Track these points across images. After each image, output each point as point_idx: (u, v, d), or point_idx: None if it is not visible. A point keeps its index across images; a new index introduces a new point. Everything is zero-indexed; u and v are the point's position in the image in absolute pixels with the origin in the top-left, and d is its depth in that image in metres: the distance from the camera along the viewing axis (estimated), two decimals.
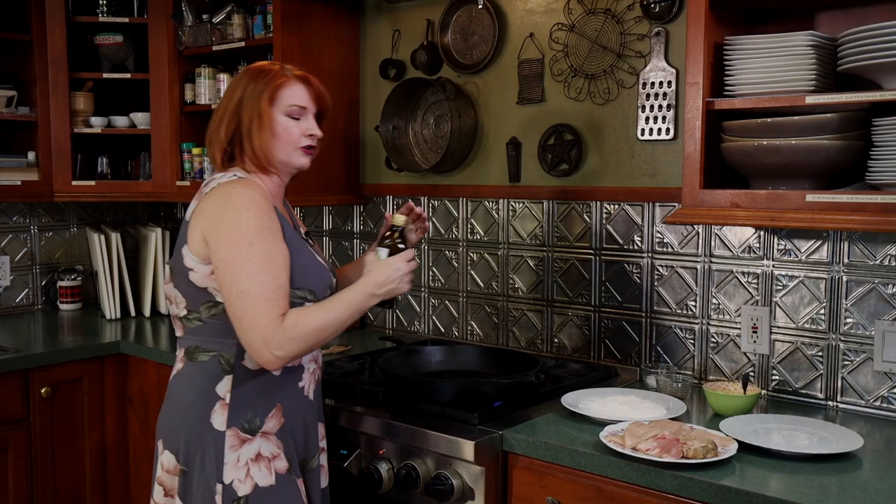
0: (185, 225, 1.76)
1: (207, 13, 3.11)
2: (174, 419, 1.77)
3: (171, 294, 1.80)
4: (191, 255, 1.71)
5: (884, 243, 2.02)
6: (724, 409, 1.99)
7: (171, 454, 1.75)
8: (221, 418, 1.72)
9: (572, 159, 2.53)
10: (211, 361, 1.74)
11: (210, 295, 1.72)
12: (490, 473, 1.86)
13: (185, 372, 1.78)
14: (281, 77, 1.80)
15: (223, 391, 1.73)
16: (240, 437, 1.72)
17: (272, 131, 1.77)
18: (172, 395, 1.80)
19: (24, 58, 3.14)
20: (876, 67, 1.76)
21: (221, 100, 1.83)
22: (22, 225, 3.42)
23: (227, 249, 1.65)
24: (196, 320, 1.75)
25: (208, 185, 1.76)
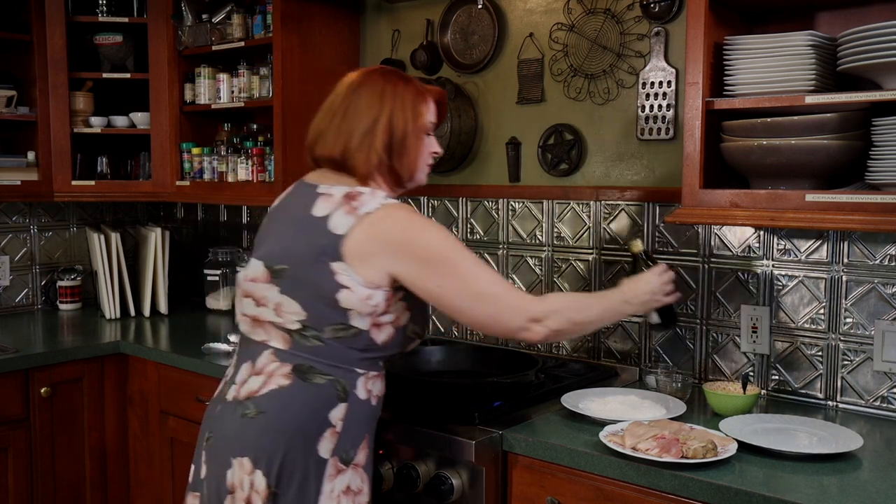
0: (331, 236, 1.62)
1: (207, 13, 3.12)
2: (274, 439, 1.63)
3: (268, 297, 1.68)
4: (353, 274, 1.61)
5: (883, 243, 2.03)
6: (724, 409, 1.99)
7: (262, 475, 1.62)
8: (329, 446, 1.64)
9: (572, 159, 2.53)
10: (327, 385, 1.65)
11: (347, 318, 1.64)
12: (490, 473, 1.86)
13: (293, 391, 1.65)
14: (425, 91, 1.78)
15: (336, 418, 1.65)
16: (337, 468, 1.66)
17: (420, 147, 1.76)
18: (273, 413, 1.64)
19: (24, 58, 3.14)
20: (875, 67, 1.76)
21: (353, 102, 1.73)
22: (22, 225, 3.42)
23: (440, 271, 1.62)
24: (314, 339, 1.65)
25: (361, 201, 1.65)
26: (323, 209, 1.67)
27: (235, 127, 3.28)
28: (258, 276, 1.70)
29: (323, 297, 1.63)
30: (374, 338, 1.68)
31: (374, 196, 1.66)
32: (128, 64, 3.32)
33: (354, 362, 1.68)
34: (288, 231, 1.71)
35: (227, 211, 3.61)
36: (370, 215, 1.63)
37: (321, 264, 1.63)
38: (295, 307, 1.65)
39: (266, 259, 1.70)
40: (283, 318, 1.67)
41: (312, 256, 1.64)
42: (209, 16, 3.11)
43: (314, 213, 1.67)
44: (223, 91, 3.11)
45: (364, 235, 1.62)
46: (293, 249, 1.67)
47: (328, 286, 1.62)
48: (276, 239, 1.72)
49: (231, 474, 1.65)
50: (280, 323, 1.67)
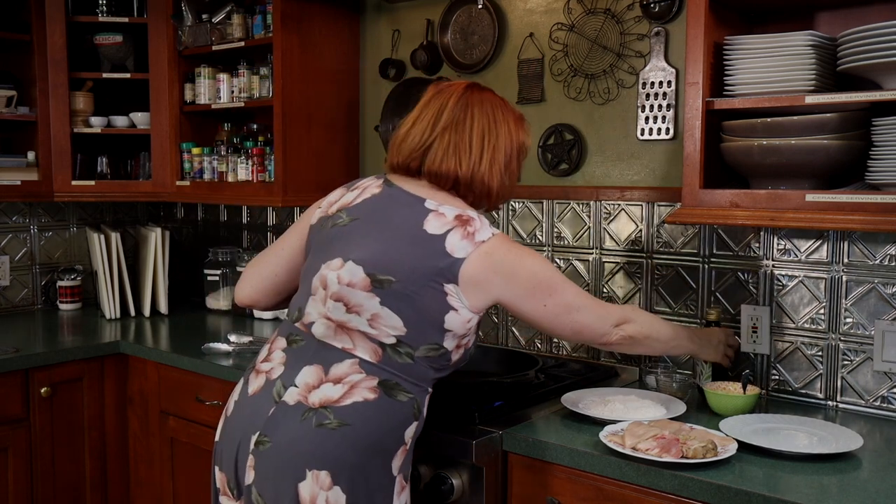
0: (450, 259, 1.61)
1: (207, 13, 3.12)
2: (356, 454, 1.57)
3: (366, 306, 1.62)
4: (463, 298, 1.62)
5: (883, 243, 2.03)
6: (724, 409, 1.99)
7: (340, 491, 1.56)
8: (399, 463, 1.63)
9: (572, 159, 2.53)
10: (408, 403, 1.64)
11: (443, 338, 1.64)
12: (490, 473, 1.86)
13: (379, 405, 1.60)
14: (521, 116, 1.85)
15: (409, 436, 1.65)
16: (402, 485, 1.65)
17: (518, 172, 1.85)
18: (357, 426, 1.57)
19: (24, 58, 3.14)
20: (875, 67, 1.76)
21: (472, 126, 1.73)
22: (22, 225, 3.42)
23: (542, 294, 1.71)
24: (407, 356, 1.63)
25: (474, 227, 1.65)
26: (436, 227, 1.64)
27: (235, 127, 3.28)
28: (356, 283, 1.63)
29: (428, 316, 1.62)
30: (452, 358, 1.70)
31: (483, 223, 1.69)
32: (128, 64, 3.32)
33: (430, 381, 1.69)
34: (395, 242, 1.65)
35: (228, 211, 3.61)
36: (485, 244, 1.65)
37: (435, 284, 1.61)
38: (396, 321, 1.61)
39: (367, 265, 1.63)
40: (377, 331, 1.62)
41: (427, 275, 1.61)
42: (209, 16, 3.11)
43: (428, 231, 1.64)
44: (223, 91, 3.11)
45: (480, 264, 1.63)
46: (404, 263, 1.62)
47: (437, 307, 1.62)
48: (379, 246, 1.65)
49: (304, 487, 1.56)
50: (373, 335, 1.62)
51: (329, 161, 2.97)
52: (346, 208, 1.75)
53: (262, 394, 1.66)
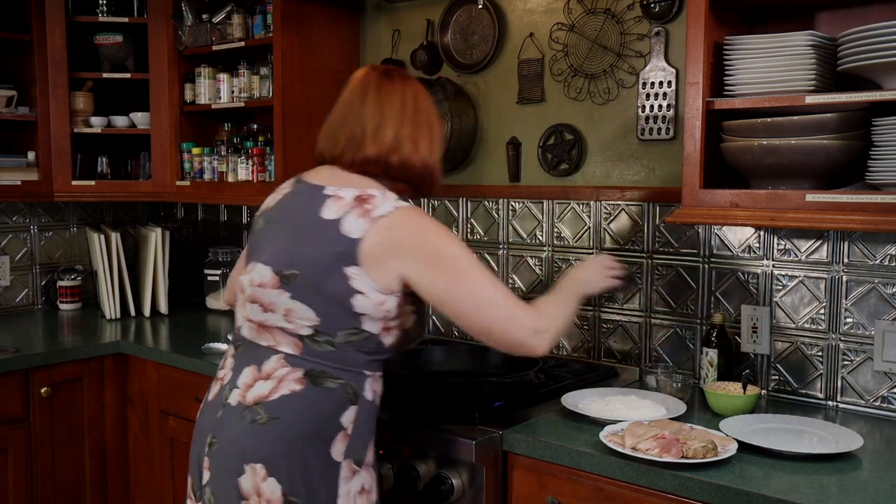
0: (347, 241, 1.61)
1: (207, 13, 3.12)
2: (287, 445, 1.61)
3: (278, 303, 1.65)
4: (367, 279, 1.60)
5: (884, 243, 2.03)
6: (724, 409, 1.99)
7: (275, 482, 1.60)
8: (341, 449, 1.64)
9: (572, 159, 2.53)
10: (339, 390, 1.64)
11: (360, 322, 1.63)
12: (490, 473, 1.86)
13: (306, 396, 1.63)
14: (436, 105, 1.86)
15: (347, 421, 1.65)
16: (352, 469, 1.66)
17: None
18: (285, 419, 1.62)
19: (24, 58, 3.14)
20: (875, 67, 1.76)
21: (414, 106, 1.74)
22: (22, 225, 3.42)
23: (458, 271, 1.63)
24: (327, 344, 1.64)
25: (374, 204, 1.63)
26: (333, 212, 1.64)
27: (235, 127, 3.29)
28: (266, 282, 1.67)
29: (337, 302, 1.62)
30: (383, 341, 1.68)
31: (385, 198, 1.65)
32: (128, 64, 3.32)
33: (363, 365, 1.68)
34: (296, 236, 1.67)
35: (228, 211, 3.61)
36: (384, 218, 1.62)
37: (336, 269, 1.61)
38: (308, 313, 1.63)
39: (274, 264, 1.67)
40: (293, 324, 1.65)
41: (328, 262, 1.61)
42: (209, 16, 3.11)
43: (324, 216, 1.64)
44: (223, 91, 3.11)
45: (379, 239, 1.60)
46: (305, 255, 1.64)
47: (343, 292, 1.61)
48: (284, 243, 1.69)
49: (244, 481, 1.62)
50: (291, 329, 1.65)
51: None
52: (264, 213, 1.81)
53: (216, 399, 1.74)
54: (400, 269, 1.62)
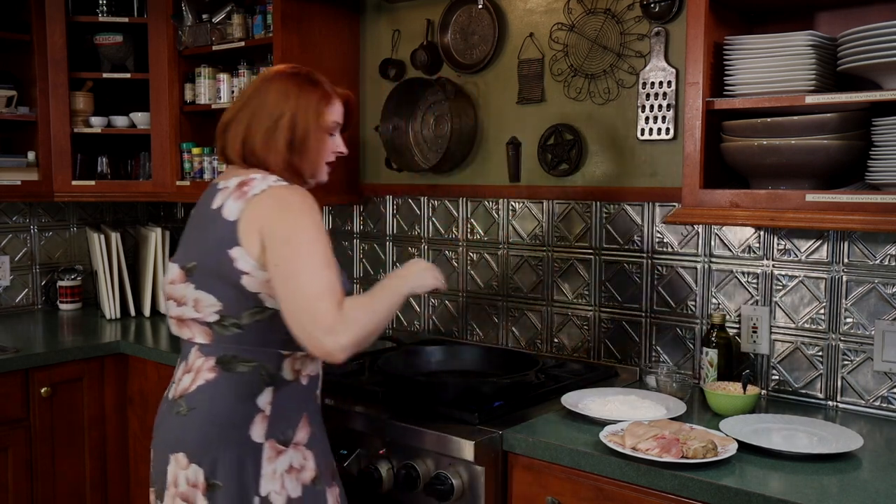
0: (227, 224, 1.66)
1: (207, 13, 3.12)
2: (205, 433, 1.68)
3: (186, 295, 1.70)
4: (248, 258, 1.64)
5: (884, 243, 2.03)
6: (724, 409, 1.99)
7: (197, 468, 1.67)
8: (260, 431, 1.68)
9: (572, 159, 2.53)
10: (251, 373, 1.68)
11: (259, 301, 1.66)
12: (490, 473, 1.86)
13: (219, 382, 1.69)
14: (330, 93, 1.82)
15: (263, 403, 1.68)
16: (276, 449, 1.69)
17: (321, 146, 1.81)
18: (201, 408, 1.69)
19: (24, 58, 3.14)
20: (875, 67, 1.76)
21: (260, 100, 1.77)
22: (22, 225, 3.42)
23: (292, 248, 1.60)
24: (233, 327, 1.67)
25: (251, 185, 1.68)
26: (219, 201, 1.71)
27: None
28: (175, 279, 1.74)
29: (231, 285, 1.66)
30: None
31: (264, 180, 1.70)
32: (128, 64, 3.32)
33: (277, 344, 1.69)
34: (194, 231, 1.77)
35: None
36: (256, 197, 1.66)
37: (222, 253, 1.66)
38: (211, 299, 1.68)
39: (179, 260, 1.75)
40: (202, 313, 1.70)
41: (214, 247, 1.67)
42: (209, 16, 3.11)
43: (212, 207, 1.71)
44: (223, 91, 3.11)
45: (249, 215, 1.65)
46: (199, 245, 1.72)
47: (232, 274, 1.65)
48: (186, 240, 1.78)
49: (170, 471, 1.72)
50: (200, 318, 1.70)
51: None
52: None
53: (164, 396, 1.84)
54: (260, 236, 1.64)
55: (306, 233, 1.62)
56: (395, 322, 3.03)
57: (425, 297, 2.93)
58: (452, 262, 2.85)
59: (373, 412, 2.04)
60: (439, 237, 2.88)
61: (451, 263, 2.85)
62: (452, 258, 2.85)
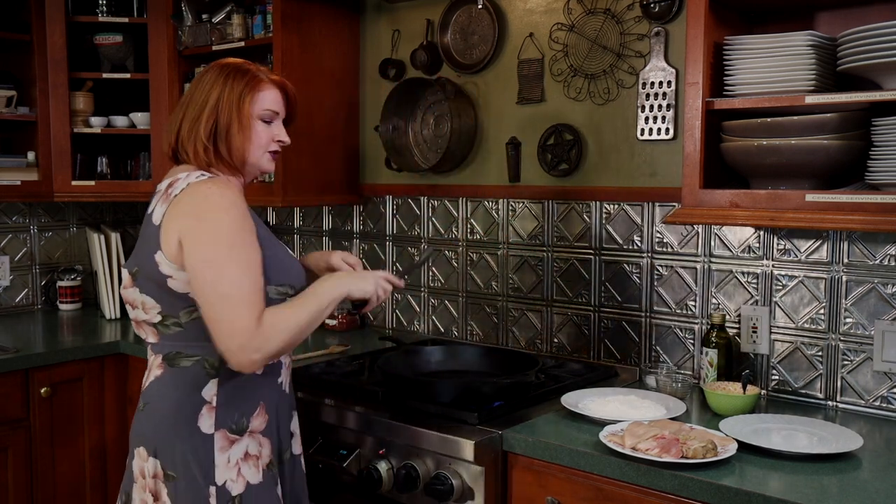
0: (154, 228, 1.67)
1: (207, 13, 3.11)
2: (158, 426, 1.71)
3: (136, 299, 1.72)
4: (167, 261, 1.64)
5: (883, 243, 2.03)
6: (724, 409, 1.99)
7: (155, 460, 1.71)
8: (209, 421, 1.69)
9: (572, 159, 2.53)
10: (194, 366, 1.70)
11: (191, 301, 1.66)
12: (490, 473, 1.86)
13: (165, 378, 1.72)
14: (259, 80, 1.77)
15: (209, 395, 1.70)
16: (228, 439, 1.70)
17: (247, 134, 1.76)
18: (152, 403, 1.73)
19: (24, 58, 3.14)
20: (875, 67, 1.76)
21: (192, 93, 1.76)
22: (21, 225, 3.42)
23: (208, 252, 1.59)
24: (175, 325, 1.69)
25: (175, 185, 1.68)
26: (152, 205, 1.72)
27: None
28: (126, 284, 1.75)
29: (162, 287, 1.67)
30: None
31: (186, 178, 1.68)
32: (128, 64, 3.32)
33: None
34: (139, 236, 1.76)
35: None
36: (176, 198, 1.66)
37: (151, 258, 1.66)
38: (151, 302, 1.70)
39: (128, 266, 1.76)
40: (148, 315, 1.72)
41: (146, 252, 1.68)
42: (209, 16, 3.10)
43: (148, 211, 1.72)
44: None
45: (169, 218, 1.65)
46: (139, 250, 1.72)
47: (159, 277, 1.66)
48: (136, 245, 1.78)
49: (135, 464, 1.75)
50: (148, 319, 1.72)
51: (329, 161, 2.97)
52: None
53: None
54: (177, 232, 1.62)
55: (223, 235, 1.60)
56: (396, 322, 3.03)
57: (425, 296, 2.93)
58: (452, 262, 2.85)
59: (372, 412, 2.04)
60: (439, 237, 2.88)
61: (451, 263, 2.85)
62: (452, 258, 2.85)
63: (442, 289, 2.89)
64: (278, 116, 1.81)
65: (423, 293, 2.94)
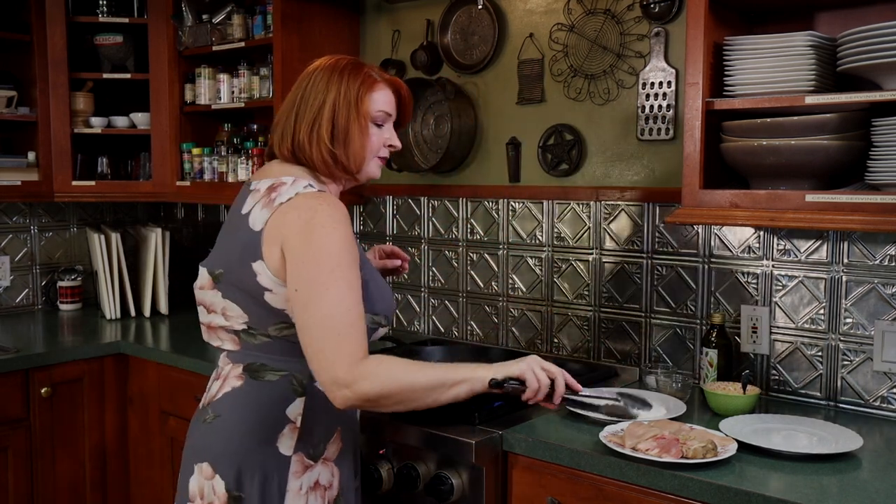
0: (252, 234, 1.56)
1: (207, 13, 3.12)
2: (230, 441, 1.60)
3: (215, 303, 1.63)
4: (269, 274, 1.54)
5: (883, 243, 2.03)
6: (724, 409, 1.99)
7: (221, 479, 1.59)
8: (289, 442, 1.59)
9: (572, 159, 2.53)
10: (281, 381, 1.60)
11: (286, 317, 1.56)
12: (490, 473, 1.86)
13: (246, 390, 1.61)
14: (374, 79, 1.67)
15: (294, 414, 1.60)
16: (304, 464, 1.61)
17: (366, 136, 1.65)
18: (227, 416, 1.61)
19: (25, 58, 3.14)
20: (875, 67, 1.76)
21: (303, 93, 1.65)
22: (22, 225, 3.42)
23: (312, 272, 1.48)
24: (263, 336, 1.60)
25: (280, 192, 1.57)
26: (248, 205, 1.61)
27: (235, 127, 3.28)
28: (204, 284, 1.66)
29: (254, 299, 1.57)
30: None
31: (294, 185, 1.58)
32: (128, 64, 3.32)
33: None
34: (224, 235, 1.67)
35: (228, 211, 3.61)
36: (283, 205, 1.55)
37: (246, 265, 1.56)
38: (237, 310, 1.61)
39: (208, 265, 1.66)
40: (230, 322, 1.63)
41: (238, 257, 1.58)
42: (209, 16, 3.11)
43: (242, 211, 1.62)
44: (223, 91, 3.11)
45: (273, 227, 1.54)
46: (226, 252, 1.62)
47: (255, 289, 1.56)
48: (219, 243, 1.69)
49: (193, 481, 1.63)
50: (228, 326, 1.63)
51: None
52: None
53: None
54: (281, 245, 1.53)
55: (329, 255, 1.49)
56: (396, 322, 3.03)
57: (425, 296, 2.93)
58: (452, 263, 2.85)
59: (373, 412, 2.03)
60: (439, 237, 2.88)
61: (451, 263, 2.85)
62: (452, 258, 2.85)
63: (442, 289, 2.89)
64: (390, 119, 1.70)
65: (424, 293, 2.94)
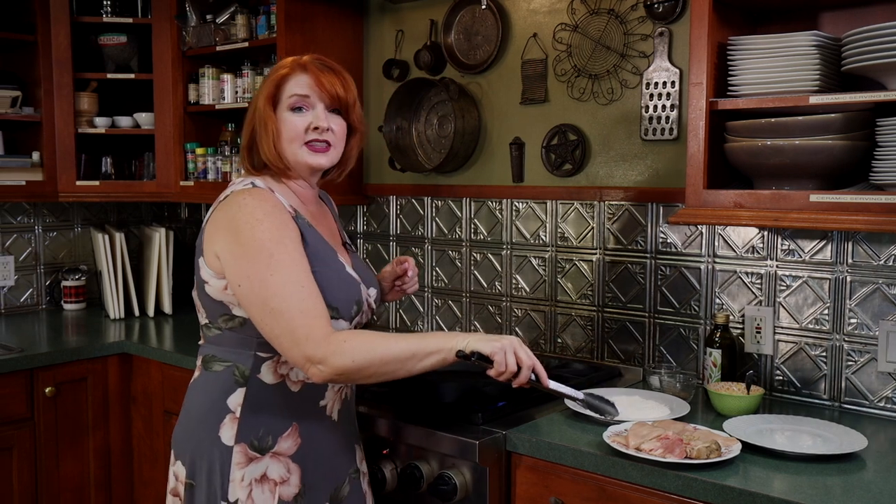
0: (201, 234, 1.65)
1: (211, 13, 3.12)
2: (186, 430, 1.68)
3: (195, 302, 1.72)
4: (206, 267, 1.61)
5: (888, 243, 2.02)
6: (728, 410, 1.99)
7: (181, 466, 1.67)
8: (230, 433, 1.61)
9: (576, 159, 2.53)
10: (225, 372, 1.64)
11: (226, 308, 1.62)
12: (493, 473, 1.86)
13: (200, 381, 1.69)
14: (282, 68, 1.66)
15: (234, 404, 1.62)
16: (248, 455, 1.61)
17: (276, 129, 1.64)
18: (186, 405, 1.71)
19: (29, 58, 3.15)
20: (880, 67, 1.75)
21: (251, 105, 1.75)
22: (26, 225, 3.43)
23: (249, 266, 1.51)
24: (216, 328, 1.67)
25: (225, 192, 1.66)
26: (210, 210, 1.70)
27: (239, 127, 3.29)
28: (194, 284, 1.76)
29: (203, 293, 1.66)
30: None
31: (234, 183, 1.66)
32: (132, 64, 3.33)
33: (255, 346, 1.63)
34: None
35: None
36: (220, 203, 1.63)
37: (196, 261, 1.66)
38: (199, 306, 1.71)
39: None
40: (200, 317, 1.73)
41: (196, 256, 1.68)
42: (213, 16, 3.11)
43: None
44: (227, 91, 3.12)
45: (210, 222, 1.63)
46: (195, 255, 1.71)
47: (199, 283, 1.66)
48: None
49: (171, 469, 1.74)
50: (200, 322, 1.73)
51: None
52: None
53: None
54: (215, 246, 1.59)
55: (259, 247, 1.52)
56: (399, 322, 3.03)
57: (428, 296, 2.93)
58: (456, 263, 2.85)
59: (376, 412, 2.04)
60: (443, 237, 2.89)
61: (455, 264, 2.85)
62: (456, 258, 2.85)
63: (445, 289, 2.89)
64: (310, 101, 1.65)
65: (427, 293, 2.94)
